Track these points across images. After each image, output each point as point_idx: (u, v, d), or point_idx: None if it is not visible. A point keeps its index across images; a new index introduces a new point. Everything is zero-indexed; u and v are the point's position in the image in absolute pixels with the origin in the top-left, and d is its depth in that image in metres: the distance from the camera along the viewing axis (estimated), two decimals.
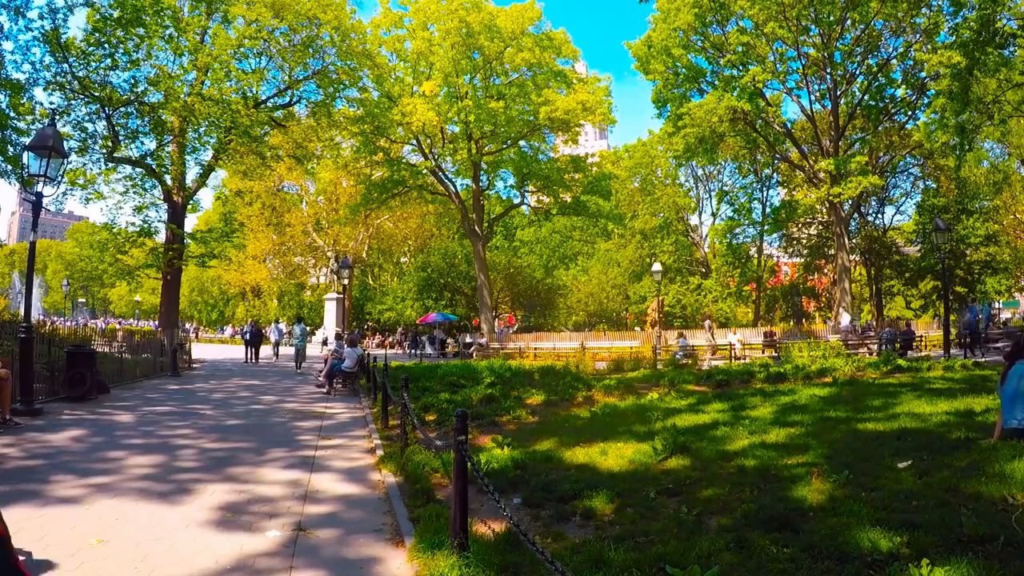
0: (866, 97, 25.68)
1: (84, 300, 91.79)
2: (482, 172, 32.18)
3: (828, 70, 25.69)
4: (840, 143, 26.59)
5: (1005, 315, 36.52)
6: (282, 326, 29.73)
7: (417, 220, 46.01)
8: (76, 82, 16.01)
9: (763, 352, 23.28)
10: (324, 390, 12.99)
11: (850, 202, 28.28)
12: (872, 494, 4.38)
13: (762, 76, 24.11)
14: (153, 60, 17.41)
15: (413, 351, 31.92)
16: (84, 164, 17.51)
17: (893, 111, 26.70)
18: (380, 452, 6.69)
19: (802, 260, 41.86)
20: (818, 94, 27.63)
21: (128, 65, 16.95)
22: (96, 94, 16.28)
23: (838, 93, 26.10)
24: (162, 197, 19.05)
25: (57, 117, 12.69)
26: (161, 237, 19.54)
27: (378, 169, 32.73)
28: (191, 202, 20.70)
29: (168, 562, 3.66)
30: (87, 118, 17.11)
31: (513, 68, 28.94)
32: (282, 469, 6.09)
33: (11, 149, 15.29)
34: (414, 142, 30.50)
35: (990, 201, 37.04)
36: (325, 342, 25.92)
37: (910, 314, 37.23)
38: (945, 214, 32.37)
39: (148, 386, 13.10)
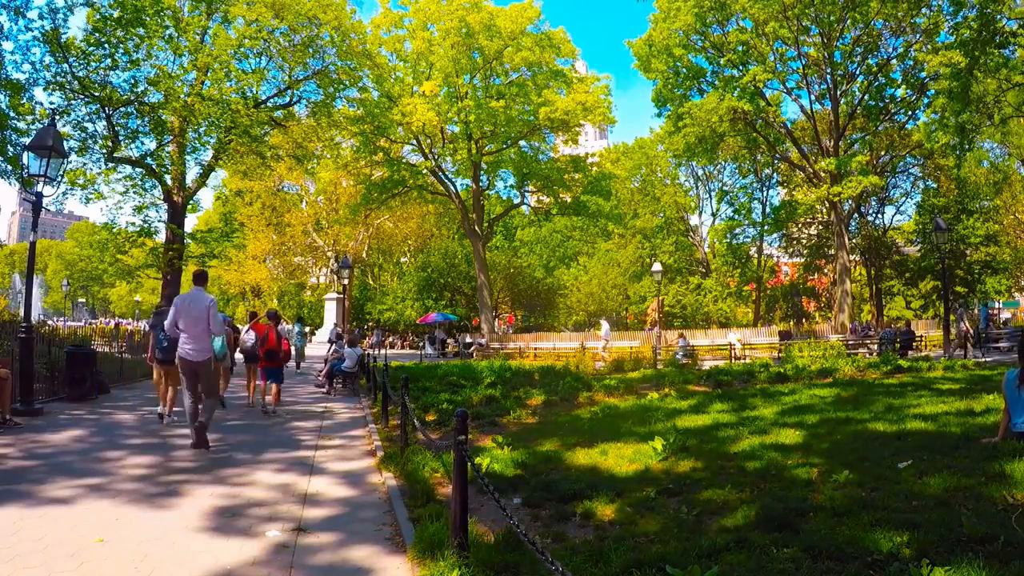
0: (866, 97, 25.68)
1: (84, 300, 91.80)
2: (482, 172, 32.19)
3: (828, 70, 25.69)
4: (840, 143, 26.59)
5: (1005, 315, 36.50)
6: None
7: (417, 220, 46.02)
8: (76, 82, 15.98)
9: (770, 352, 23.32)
10: (324, 390, 13.00)
11: (850, 202, 28.31)
12: (873, 494, 4.38)
13: (762, 76, 24.11)
14: (153, 60, 17.37)
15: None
16: (84, 164, 17.47)
17: (893, 111, 26.70)
18: (380, 452, 6.68)
19: (802, 260, 41.85)
20: (818, 94, 27.65)
21: (128, 65, 16.92)
22: (96, 94, 16.25)
23: (838, 93, 26.09)
24: (162, 197, 19.01)
25: (57, 117, 12.65)
26: (161, 237, 19.51)
27: (378, 169, 32.73)
28: (191, 202, 20.66)
29: (168, 562, 3.66)
30: (87, 118, 17.07)
31: (513, 68, 28.96)
32: (281, 470, 6.09)
33: (11, 149, 15.27)
34: (414, 142, 30.51)
35: (990, 201, 37.04)
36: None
37: (910, 314, 37.22)
38: (945, 214, 32.36)
39: (148, 386, 13.02)
